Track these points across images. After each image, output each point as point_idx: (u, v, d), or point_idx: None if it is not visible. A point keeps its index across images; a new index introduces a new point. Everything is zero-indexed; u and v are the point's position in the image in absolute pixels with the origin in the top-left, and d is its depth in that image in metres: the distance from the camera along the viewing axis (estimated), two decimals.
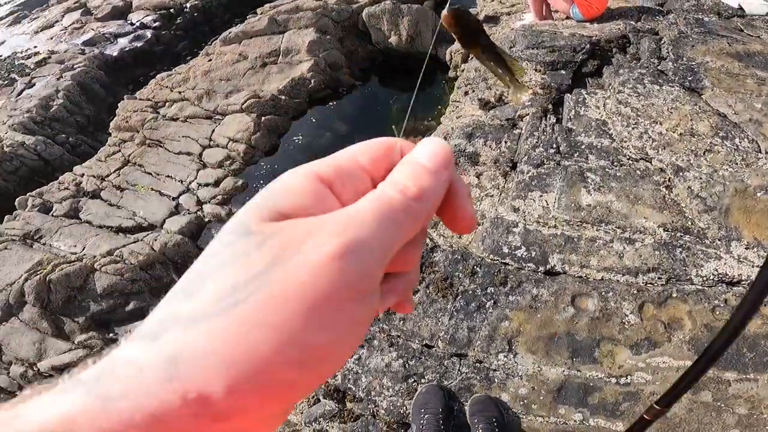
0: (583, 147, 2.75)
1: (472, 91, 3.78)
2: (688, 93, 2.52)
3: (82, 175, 4.44)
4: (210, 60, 6.00)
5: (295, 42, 5.67)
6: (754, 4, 3.47)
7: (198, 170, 4.41)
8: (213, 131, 4.81)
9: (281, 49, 5.68)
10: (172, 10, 8.39)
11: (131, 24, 8.35)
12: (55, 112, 6.02)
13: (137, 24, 8.28)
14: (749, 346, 1.62)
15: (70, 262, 3.43)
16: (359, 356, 2.33)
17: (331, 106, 5.25)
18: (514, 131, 3.34)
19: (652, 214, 2.20)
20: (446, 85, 4.81)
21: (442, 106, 4.27)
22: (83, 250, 3.65)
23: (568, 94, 3.07)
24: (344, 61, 5.54)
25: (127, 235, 3.80)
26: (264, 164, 4.64)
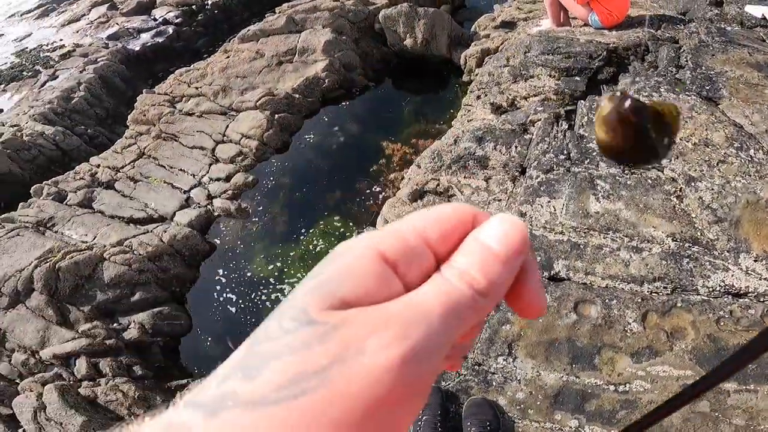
0: (594, 154, 2.74)
1: (485, 95, 3.78)
2: (705, 102, 2.49)
3: (98, 165, 4.56)
4: (228, 57, 6.12)
5: (311, 41, 5.75)
6: None
7: (210, 165, 4.49)
8: (227, 127, 4.90)
9: (297, 48, 5.76)
10: (194, 7, 8.58)
11: (154, 19, 8.56)
12: (76, 104, 6.20)
13: (160, 20, 8.49)
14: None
15: (81, 250, 3.52)
16: None
17: (344, 106, 5.30)
18: (525, 136, 3.33)
19: (661, 223, 2.18)
20: (459, 88, 4.82)
21: (454, 110, 4.28)
22: (94, 239, 3.74)
23: (582, 101, 3.05)
24: (359, 62, 5.60)
25: (138, 226, 3.89)
26: (275, 161, 4.71)
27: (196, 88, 5.53)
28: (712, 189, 2.08)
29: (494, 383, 1.79)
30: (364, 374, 0.19)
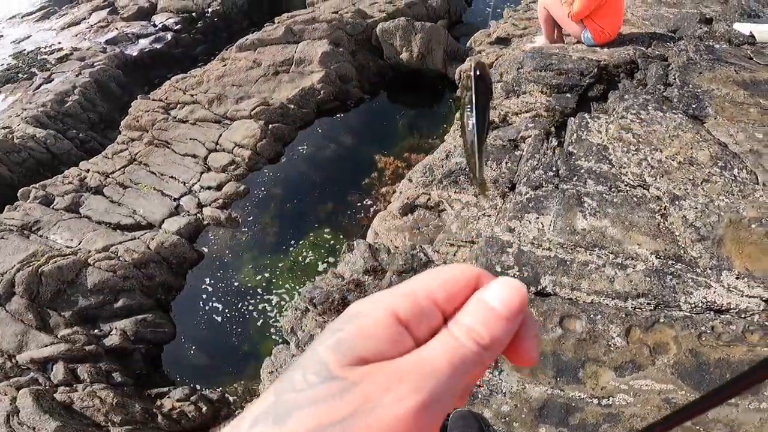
0: (582, 171, 2.79)
1: None
2: (691, 121, 2.56)
3: (87, 170, 4.59)
4: (225, 65, 6.20)
5: (309, 52, 5.85)
6: (765, 33, 3.53)
7: (202, 173, 4.53)
8: (220, 135, 4.95)
9: (294, 59, 5.86)
10: (194, 14, 8.72)
11: (154, 25, 8.67)
12: (69, 108, 6.25)
13: (160, 26, 8.60)
14: (733, 372, 1.67)
15: (65, 255, 3.52)
16: None
17: (339, 117, 5.37)
18: (515, 152, 3.39)
19: (646, 241, 2.22)
20: (453, 103, 4.91)
21: (447, 125, 4.36)
22: (79, 244, 3.75)
23: (572, 118, 3.12)
24: (355, 74, 5.69)
25: (125, 233, 3.90)
26: (267, 171, 4.75)
27: (191, 96, 5.59)
28: (696, 208, 2.13)
29: (480, 396, 1.82)
30: (382, 424, 0.22)
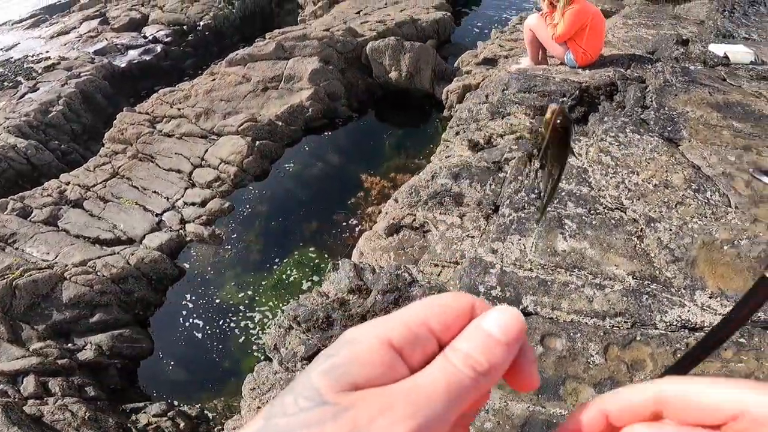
0: (563, 194, 2.90)
1: (463, 132, 3.97)
2: (666, 143, 2.68)
3: (68, 183, 4.59)
4: (214, 80, 6.29)
5: (298, 69, 5.97)
6: (739, 54, 3.72)
7: (186, 189, 4.55)
8: (206, 151, 4.99)
9: (284, 75, 5.97)
10: (185, 27, 8.85)
11: (144, 37, 8.76)
12: (53, 118, 6.26)
13: (150, 37, 8.69)
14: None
15: (40, 269, 3.50)
16: None
17: (326, 135, 5.46)
18: (499, 174, 3.49)
19: (623, 262, 2.30)
20: (440, 123, 5.03)
21: (434, 145, 4.46)
22: (56, 258, 3.73)
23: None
24: (343, 92, 5.81)
25: (104, 247, 3.89)
26: (253, 188, 4.79)
27: (179, 109, 5.65)
28: (671, 230, 2.23)
29: None
30: None
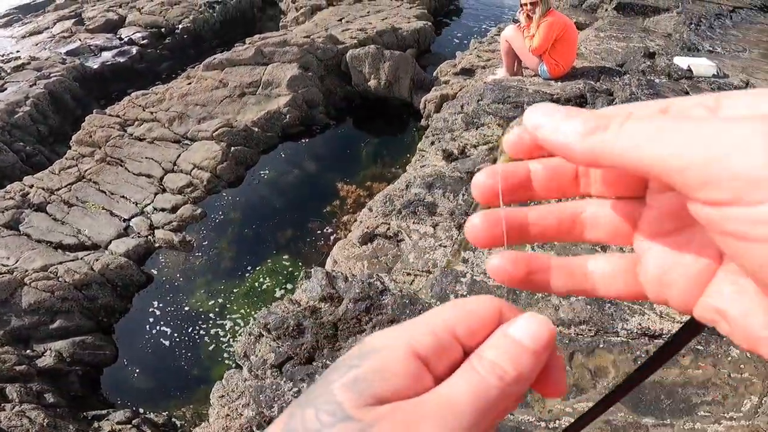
0: (532, 204, 3.00)
1: (438, 142, 4.06)
2: None
3: (31, 186, 4.51)
4: (189, 83, 6.28)
5: (277, 75, 6.01)
6: (702, 67, 3.92)
7: (156, 194, 4.53)
8: (179, 156, 4.98)
9: (262, 81, 6.00)
10: (163, 30, 8.78)
11: (120, 39, 8.65)
12: (19, 119, 6.14)
13: (126, 39, 8.60)
14: (667, 394, 1.80)
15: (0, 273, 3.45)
16: (299, 389, 2.44)
17: (303, 143, 5.50)
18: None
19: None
20: (417, 133, 5.14)
21: (410, 154, 4.55)
22: (16, 263, 3.67)
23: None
24: (322, 100, 5.87)
25: (67, 253, 3.85)
26: (226, 195, 4.79)
27: (151, 113, 5.62)
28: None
29: None
30: None
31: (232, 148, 5.06)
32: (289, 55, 6.25)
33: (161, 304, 3.89)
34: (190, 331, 3.75)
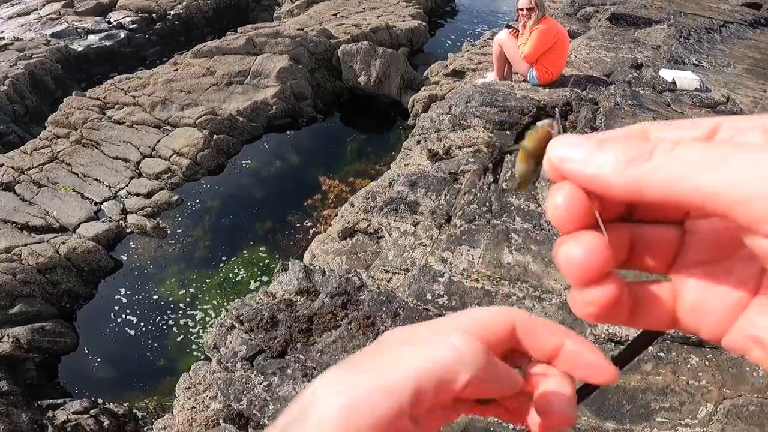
0: (512, 208, 2.98)
1: (424, 141, 4.03)
2: None
3: (1, 165, 4.37)
4: (176, 70, 6.17)
5: (267, 66, 5.93)
6: (686, 80, 3.96)
7: (131, 178, 4.41)
8: (158, 141, 4.87)
9: (251, 71, 5.92)
10: (154, 15, 8.65)
11: (108, 22, 8.51)
12: None
13: (114, 23, 8.46)
14: (628, 399, 1.83)
15: None
16: (270, 383, 2.38)
17: (288, 135, 5.43)
18: (454, 185, 3.56)
19: (561, 277, 2.40)
20: (403, 132, 5.10)
21: (395, 152, 4.51)
22: None
23: (508, 155, 3.34)
24: (310, 93, 5.81)
25: (33, 235, 3.72)
26: (205, 182, 4.69)
27: (133, 97, 5.50)
28: None
29: None
30: None
31: (215, 136, 4.97)
32: (280, 47, 6.17)
33: (128, 292, 3.77)
34: (157, 320, 3.64)
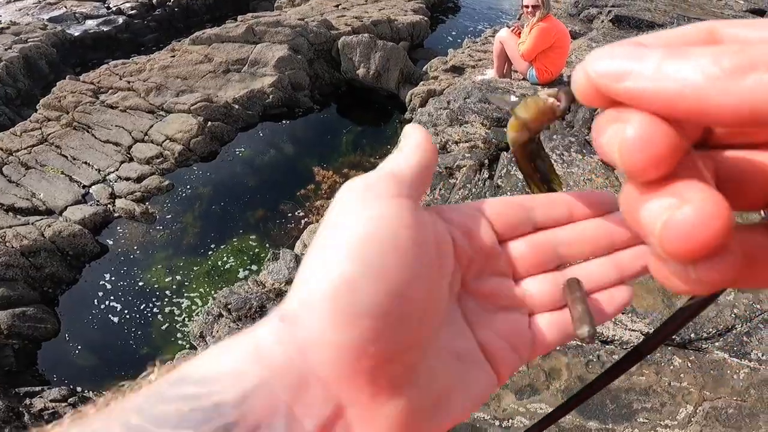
0: None
1: None
2: (604, 166, 2.78)
3: None
4: (173, 56, 6.10)
5: (265, 55, 5.87)
6: None
7: (122, 162, 4.36)
8: (151, 126, 4.81)
9: (249, 59, 5.86)
10: (154, 1, 8.58)
11: (107, 8, 8.45)
12: None
13: (113, 8, 8.40)
14: (611, 398, 1.83)
15: None
16: None
17: (284, 124, 5.37)
18: (450, 180, 3.51)
19: None
20: (400, 125, 5.05)
21: (391, 146, 4.47)
22: None
23: (504, 152, 3.29)
24: (308, 83, 5.75)
25: (18, 216, 3.66)
26: (197, 169, 4.64)
27: (128, 82, 5.44)
28: None
29: None
30: None
31: (209, 123, 4.92)
32: (280, 36, 6.11)
33: (113, 278, 3.72)
34: (142, 307, 3.59)
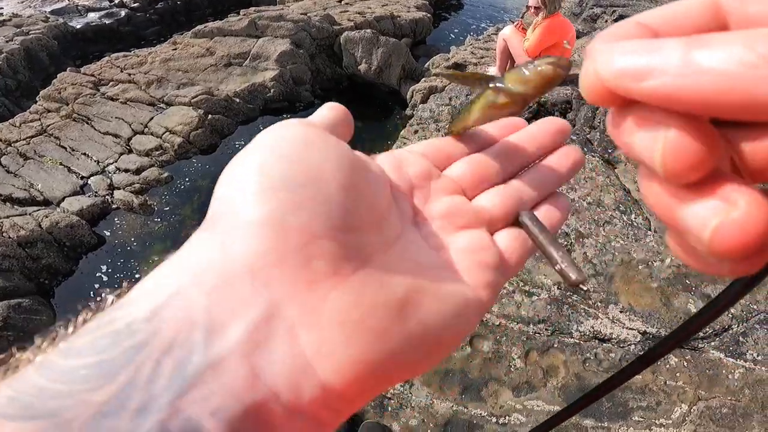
0: None
1: (422, 131, 3.98)
2: (605, 165, 2.78)
3: None
4: (175, 49, 6.09)
5: (267, 49, 5.87)
6: None
7: (121, 154, 4.35)
8: (151, 119, 4.80)
9: (251, 53, 5.85)
10: None
11: (110, 0, 8.47)
12: None
13: (116, 1, 8.41)
14: (608, 397, 1.82)
15: None
16: None
17: (284, 118, 5.26)
18: None
19: (551, 272, 2.37)
20: (400, 122, 5.03)
21: (391, 143, 4.45)
22: None
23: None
24: (309, 78, 5.74)
25: (15, 207, 3.65)
26: (197, 161, 4.63)
27: (129, 74, 5.43)
28: (596, 246, 2.31)
29: (390, 408, 1.93)
30: None
31: (210, 116, 4.91)
32: (282, 30, 6.10)
33: (110, 270, 3.71)
34: None
